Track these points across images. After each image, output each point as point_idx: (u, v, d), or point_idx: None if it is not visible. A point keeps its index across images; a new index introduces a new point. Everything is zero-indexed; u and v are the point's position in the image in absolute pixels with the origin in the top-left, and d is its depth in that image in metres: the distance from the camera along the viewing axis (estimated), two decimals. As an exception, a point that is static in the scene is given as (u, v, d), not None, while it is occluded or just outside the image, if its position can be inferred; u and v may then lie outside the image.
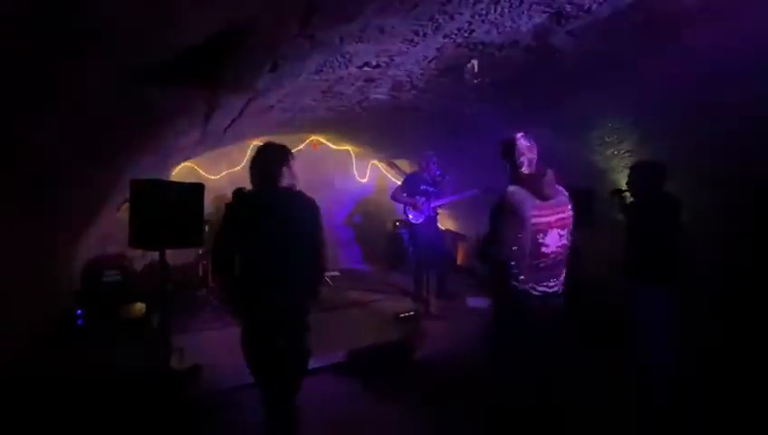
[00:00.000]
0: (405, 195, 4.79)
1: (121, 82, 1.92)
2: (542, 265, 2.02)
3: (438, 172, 4.81)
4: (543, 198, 2.01)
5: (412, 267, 5.04)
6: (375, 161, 6.99)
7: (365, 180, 6.91)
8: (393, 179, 6.98)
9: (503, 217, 2.02)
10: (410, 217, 4.81)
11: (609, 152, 3.53)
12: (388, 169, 7.05)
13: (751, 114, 2.56)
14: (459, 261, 6.23)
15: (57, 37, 1.41)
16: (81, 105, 1.94)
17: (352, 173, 6.86)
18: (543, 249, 2.01)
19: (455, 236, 6.41)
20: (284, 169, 1.97)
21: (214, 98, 2.67)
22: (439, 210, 4.99)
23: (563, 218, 2.07)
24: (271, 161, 1.97)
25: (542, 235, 2.00)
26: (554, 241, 2.03)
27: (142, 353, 3.04)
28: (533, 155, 2.10)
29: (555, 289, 2.08)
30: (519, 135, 2.11)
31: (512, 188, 2.05)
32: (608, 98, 3.10)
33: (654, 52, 2.48)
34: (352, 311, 4.67)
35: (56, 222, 2.79)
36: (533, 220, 1.98)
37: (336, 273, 5.80)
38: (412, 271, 4.99)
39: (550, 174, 2.06)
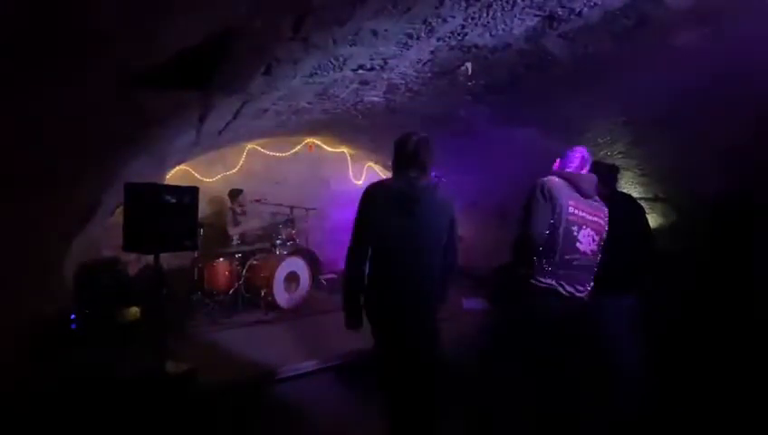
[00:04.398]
0: None
1: (117, 84, 1.92)
2: (575, 262, 1.88)
3: (433, 174, 4.81)
4: (583, 194, 1.94)
5: None
6: (371, 163, 7.00)
7: (361, 182, 6.91)
8: (389, 181, 6.98)
9: (537, 202, 1.88)
10: None
11: (601, 153, 3.55)
12: (384, 171, 7.07)
13: (745, 116, 2.58)
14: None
15: (55, 38, 1.41)
16: (77, 106, 1.94)
17: (348, 175, 6.87)
18: (578, 245, 1.87)
19: None
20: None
21: (208, 100, 2.67)
22: None
23: (598, 223, 1.97)
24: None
25: (576, 228, 1.88)
26: (588, 242, 1.91)
27: (137, 357, 3.02)
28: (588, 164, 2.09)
29: (582, 295, 1.94)
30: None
31: (551, 177, 1.96)
32: (601, 99, 3.12)
33: (646, 54, 2.51)
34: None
35: (50, 224, 2.77)
36: (570, 209, 1.86)
37: (333, 275, 5.81)
38: None
39: (594, 178, 2.02)
